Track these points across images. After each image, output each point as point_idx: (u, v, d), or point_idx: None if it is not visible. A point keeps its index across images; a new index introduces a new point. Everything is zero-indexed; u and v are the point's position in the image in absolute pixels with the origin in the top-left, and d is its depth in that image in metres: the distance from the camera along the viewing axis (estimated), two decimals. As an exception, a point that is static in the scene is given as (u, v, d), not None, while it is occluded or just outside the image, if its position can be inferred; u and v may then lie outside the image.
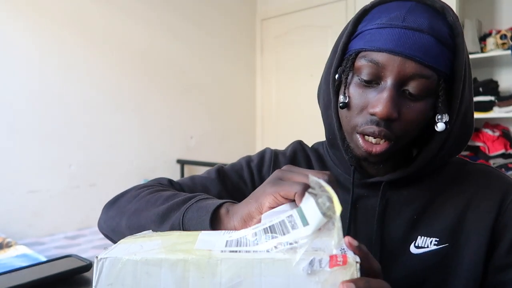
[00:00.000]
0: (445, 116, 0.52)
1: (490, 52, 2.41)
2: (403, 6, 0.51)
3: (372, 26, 0.52)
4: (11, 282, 0.61)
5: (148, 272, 0.35)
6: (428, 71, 0.49)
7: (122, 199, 0.62)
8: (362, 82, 0.52)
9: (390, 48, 0.49)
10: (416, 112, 0.51)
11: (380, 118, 0.50)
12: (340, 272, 0.33)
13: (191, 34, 3.00)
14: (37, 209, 2.20)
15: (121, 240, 0.42)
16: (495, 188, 0.58)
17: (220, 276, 0.34)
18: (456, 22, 0.51)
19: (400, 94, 0.51)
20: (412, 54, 0.48)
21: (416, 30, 0.49)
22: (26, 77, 2.15)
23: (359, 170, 0.62)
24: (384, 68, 0.50)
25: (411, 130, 0.53)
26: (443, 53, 0.50)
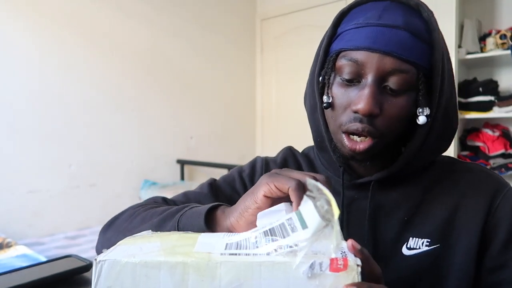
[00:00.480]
0: (426, 110, 0.53)
1: (490, 52, 2.41)
2: (379, 6, 0.53)
3: (350, 27, 0.53)
4: (11, 282, 0.61)
5: (147, 274, 0.35)
6: (407, 66, 0.50)
7: (118, 220, 0.62)
8: (344, 81, 0.53)
9: (367, 45, 0.50)
10: (398, 107, 0.52)
11: (363, 114, 0.51)
12: (340, 276, 0.33)
13: (191, 34, 3.00)
14: (37, 209, 2.20)
15: (120, 241, 0.42)
16: (484, 187, 0.58)
17: (219, 279, 0.34)
18: (432, 18, 0.53)
19: (381, 90, 0.52)
20: (389, 50, 0.49)
21: (392, 27, 0.50)
22: (26, 77, 2.15)
23: (349, 172, 0.62)
24: (364, 65, 0.51)
25: (394, 126, 0.53)
26: (420, 48, 0.51)
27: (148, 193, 2.56)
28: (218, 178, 0.74)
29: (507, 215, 0.55)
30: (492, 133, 2.53)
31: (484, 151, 2.52)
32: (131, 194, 2.64)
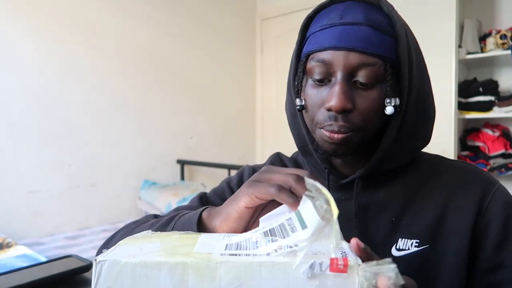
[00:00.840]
0: (394, 100, 0.53)
1: (490, 52, 2.41)
2: (340, 6, 0.55)
3: (316, 29, 0.55)
4: (11, 282, 0.61)
5: (147, 275, 0.35)
6: (372, 59, 0.52)
7: (114, 239, 0.62)
8: (315, 82, 0.55)
9: (332, 45, 0.52)
10: (370, 99, 0.53)
11: (336, 111, 0.52)
12: (340, 276, 0.33)
13: (191, 34, 3.00)
14: (37, 209, 2.20)
15: (120, 241, 0.42)
16: (474, 186, 0.57)
17: (219, 279, 0.34)
18: (392, 11, 0.55)
19: (352, 86, 0.53)
20: (354, 46, 0.51)
21: (353, 24, 0.52)
22: (26, 77, 2.15)
23: (334, 173, 0.62)
24: (331, 64, 0.53)
25: (369, 119, 0.54)
26: (384, 41, 0.52)
27: (148, 193, 2.57)
28: (208, 192, 0.75)
29: (498, 214, 0.55)
30: (492, 133, 2.53)
31: (484, 151, 2.52)
32: (131, 194, 2.64)
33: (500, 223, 0.54)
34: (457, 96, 2.43)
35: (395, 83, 0.54)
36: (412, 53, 0.55)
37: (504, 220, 0.55)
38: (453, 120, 2.40)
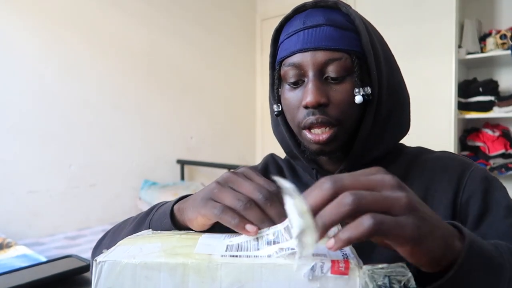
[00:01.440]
0: (363, 90, 0.57)
1: (490, 52, 2.41)
2: (302, 14, 0.60)
3: (284, 38, 0.60)
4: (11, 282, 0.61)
5: (147, 276, 0.35)
6: (338, 54, 0.56)
7: (104, 240, 0.63)
8: (291, 85, 0.59)
9: (299, 48, 0.56)
10: (342, 92, 0.56)
11: (312, 106, 0.55)
12: (342, 278, 0.33)
13: (191, 34, 3.00)
14: (37, 209, 2.20)
15: (120, 241, 0.42)
16: (450, 170, 0.60)
17: (220, 280, 0.34)
18: (350, 10, 0.58)
19: (324, 82, 0.57)
20: (319, 45, 0.55)
21: (316, 27, 0.57)
22: (26, 77, 2.15)
23: (322, 172, 0.64)
24: (302, 65, 0.57)
25: (346, 111, 0.57)
26: (346, 36, 0.56)
27: (148, 193, 2.56)
28: None
29: (476, 189, 0.57)
30: (492, 133, 2.54)
31: (484, 151, 2.52)
32: (131, 194, 2.64)
33: (479, 197, 0.56)
34: (457, 96, 2.43)
35: (364, 74, 0.57)
36: (376, 45, 0.59)
37: (483, 194, 0.56)
38: (453, 120, 2.40)
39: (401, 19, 2.58)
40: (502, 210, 0.54)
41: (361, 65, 0.57)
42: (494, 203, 0.55)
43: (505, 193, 0.57)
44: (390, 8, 2.63)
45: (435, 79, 2.47)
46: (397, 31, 2.60)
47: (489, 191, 0.56)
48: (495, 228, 0.53)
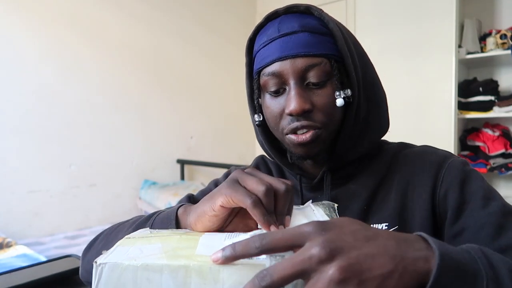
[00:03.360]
0: (343, 92, 0.57)
1: (490, 52, 2.41)
2: (275, 22, 0.59)
3: (259, 48, 0.60)
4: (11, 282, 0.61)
5: (149, 278, 0.34)
6: (317, 59, 0.56)
7: (96, 242, 0.63)
8: (272, 94, 0.59)
9: (277, 56, 0.56)
10: (325, 96, 0.57)
11: (296, 114, 0.55)
12: None
13: (191, 34, 3.00)
14: (37, 209, 2.20)
15: (119, 242, 0.42)
16: (429, 163, 0.60)
17: (222, 282, 0.34)
18: (322, 13, 0.59)
19: (306, 88, 0.57)
20: (296, 52, 0.55)
21: (291, 34, 0.57)
22: (26, 77, 2.15)
23: (306, 176, 0.65)
24: (282, 74, 0.56)
25: (330, 114, 0.57)
26: (322, 41, 0.57)
27: (148, 193, 2.56)
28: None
29: (454, 181, 0.57)
30: (492, 133, 2.53)
31: (484, 151, 2.52)
32: (131, 194, 2.64)
33: (457, 189, 0.56)
34: (457, 96, 2.43)
35: (344, 76, 0.58)
36: (350, 46, 0.59)
37: (460, 185, 0.56)
38: (453, 120, 2.40)
39: (401, 19, 2.58)
40: (479, 200, 0.54)
41: (339, 68, 0.57)
42: (471, 194, 0.55)
43: (482, 183, 0.57)
44: (390, 8, 2.63)
45: (435, 79, 2.47)
46: (397, 31, 2.60)
47: (466, 182, 0.57)
48: (474, 219, 0.53)
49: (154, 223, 0.54)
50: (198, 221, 0.48)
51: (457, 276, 0.32)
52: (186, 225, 0.50)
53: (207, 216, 0.47)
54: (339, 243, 0.31)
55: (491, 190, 0.56)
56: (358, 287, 0.29)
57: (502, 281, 0.34)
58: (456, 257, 0.33)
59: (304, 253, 0.31)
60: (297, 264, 0.31)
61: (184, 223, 0.51)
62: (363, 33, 2.77)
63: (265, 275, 0.30)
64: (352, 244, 0.31)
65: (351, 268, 0.30)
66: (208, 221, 0.47)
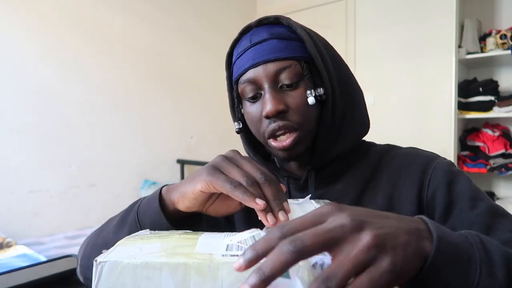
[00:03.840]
0: (315, 91, 0.59)
1: (490, 52, 2.41)
2: (247, 35, 0.64)
3: (235, 59, 0.64)
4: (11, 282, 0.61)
5: (149, 276, 0.35)
6: (287, 62, 0.59)
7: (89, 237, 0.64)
8: (250, 100, 0.62)
9: (251, 63, 0.60)
10: (298, 96, 0.59)
11: (272, 115, 0.58)
12: None
13: (191, 34, 3.00)
14: (37, 209, 2.20)
15: (119, 241, 0.42)
16: (415, 166, 0.61)
17: (221, 280, 0.34)
18: (290, 21, 0.62)
19: (280, 91, 0.60)
20: (267, 57, 0.59)
21: (261, 42, 0.61)
22: (26, 77, 2.15)
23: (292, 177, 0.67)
24: (256, 80, 0.60)
25: (304, 114, 0.59)
26: (291, 45, 0.60)
27: (148, 193, 2.55)
28: None
29: (440, 182, 0.58)
30: (492, 133, 2.54)
31: (484, 151, 2.52)
32: (131, 194, 2.64)
33: (444, 190, 0.57)
34: (457, 96, 2.44)
35: (315, 76, 0.60)
36: (320, 48, 0.61)
37: (448, 186, 0.57)
38: (453, 120, 2.41)
39: (401, 19, 2.59)
40: (467, 201, 0.55)
41: (310, 69, 0.60)
42: (459, 195, 0.57)
43: (470, 184, 0.58)
44: (390, 8, 2.64)
45: (435, 79, 2.47)
46: (397, 31, 2.60)
47: (453, 183, 0.58)
48: (462, 220, 0.55)
49: (141, 206, 0.56)
50: (180, 200, 0.51)
51: (452, 258, 0.34)
52: (169, 202, 0.53)
53: (187, 198, 0.50)
54: (363, 216, 0.32)
55: (478, 191, 0.58)
56: (391, 251, 0.30)
57: (495, 265, 0.35)
58: (452, 241, 0.35)
59: (335, 222, 0.31)
60: (330, 231, 0.30)
61: (168, 201, 0.53)
62: (363, 33, 2.77)
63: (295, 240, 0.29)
64: (373, 218, 0.33)
65: (383, 235, 0.31)
66: (189, 202, 0.50)
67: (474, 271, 0.34)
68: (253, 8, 3.53)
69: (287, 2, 3.29)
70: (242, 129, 0.67)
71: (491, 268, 0.34)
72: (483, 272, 0.34)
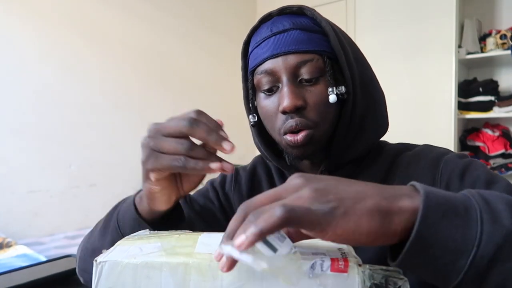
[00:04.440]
0: (337, 89, 0.56)
1: (490, 52, 2.41)
2: (268, 23, 0.60)
3: (253, 48, 0.60)
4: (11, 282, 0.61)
5: (149, 275, 0.35)
6: (309, 55, 0.55)
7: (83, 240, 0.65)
8: (265, 92, 0.59)
9: (270, 54, 0.56)
10: (318, 93, 0.56)
11: (289, 110, 0.55)
12: (341, 276, 0.33)
13: (191, 34, 3.00)
14: (37, 209, 2.20)
15: (119, 241, 0.42)
16: (426, 162, 0.59)
17: (221, 279, 0.34)
18: (315, 13, 0.59)
19: (299, 85, 0.56)
20: (288, 49, 0.55)
21: (283, 32, 0.57)
22: (26, 77, 2.15)
23: None
24: (274, 71, 0.56)
25: (323, 112, 0.56)
26: (315, 38, 0.57)
27: (148, 193, 2.56)
28: None
29: (452, 175, 0.55)
30: (492, 133, 2.54)
31: (484, 151, 2.52)
32: (131, 194, 2.63)
33: (457, 182, 0.54)
34: (457, 96, 2.44)
35: (337, 73, 0.57)
36: (344, 44, 0.59)
37: (460, 177, 0.54)
38: (453, 120, 2.41)
39: (401, 19, 2.58)
40: (482, 187, 0.52)
41: (332, 65, 0.57)
42: (473, 182, 0.53)
43: (483, 169, 0.55)
44: (390, 8, 2.64)
45: (435, 79, 2.47)
46: (397, 31, 2.60)
47: (465, 173, 0.54)
48: None
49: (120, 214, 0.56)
50: (153, 202, 0.49)
51: (446, 211, 0.32)
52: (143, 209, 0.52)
53: (156, 194, 0.48)
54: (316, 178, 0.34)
55: (493, 175, 0.54)
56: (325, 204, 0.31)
57: (498, 212, 0.32)
58: (445, 195, 0.33)
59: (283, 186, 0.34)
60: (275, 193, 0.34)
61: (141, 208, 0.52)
62: (363, 33, 2.77)
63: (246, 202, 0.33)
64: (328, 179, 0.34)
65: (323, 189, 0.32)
66: (162, 196, 0.48)
67: (475, 221, 0.31)
68: (253, 8, 3.53)
69: (287, 2, 3.28)
70: (257, 122, 0.63)
71: (493, 215, 0.32)
72: (485, 220, 0.31)
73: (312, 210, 0.31)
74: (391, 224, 0.32)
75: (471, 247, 0.30)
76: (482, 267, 0.30)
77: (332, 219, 0.31)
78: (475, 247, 0.30)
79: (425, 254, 0.31)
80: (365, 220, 0.31)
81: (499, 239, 0.30)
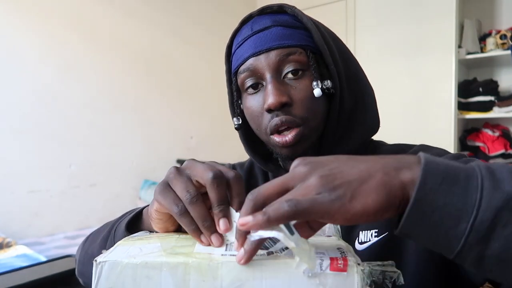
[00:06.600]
0: (322, 83, 0.55)
1: (490, 52, 2.41)
2: (249, 23, 0.59)
3: (235, 49, 0.59)
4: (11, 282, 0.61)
5: (149, 275, 0.35)
6: (290, 49, 0.55)
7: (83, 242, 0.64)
8: (250, 91, 0.57)
9: (252, 52, 0.55)
10: (303, 88, 0.55)
11: (274, 107, 0.53)
12: (341, 275, 0.33)
13: (191, 34, 3.00)
14: (37, 209, 2.20)
15: (119, 242, 0.42)
16: None
17: (221, 279, 0.34)
18: (295, 10, 0.58)
19: (283, 82, 0.55)
20: (270, 45, 0.55)
21: (263, 30, 0.56)
22: (26, 77, 2.15)
23: None
24: (257, 69, 0.55)
25: (310, 108, 0.55)
26: (296, 33, 0.56)
27: (148, 193, 2.57)
28: None
29: None
30: (492, 133, 2.54)
31: (484, 151, 2.52)
32: (131, 194, 2.64)
33: None
34: (457, 96, 2.44)
35: (322, 68, 0.56)
36: (328, 39, 0.58)
37: None
38: (453, 120, 2.41)
39: (401, 19, 2.59)
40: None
41: (317, 60, 0.56)
42: None
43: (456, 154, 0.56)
44: (390, 8, 2.64)
45: (435, 79, 2.47)
46: (397, 31, 2.60)
47: None
48: None
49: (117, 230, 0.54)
50: (154, 223, 0.46)
51: (446, 177, 0.31)
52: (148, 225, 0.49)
53: (155, 220, 0.45)
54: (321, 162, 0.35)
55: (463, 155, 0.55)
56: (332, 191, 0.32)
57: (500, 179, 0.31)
58: (446, 164, 0.33)
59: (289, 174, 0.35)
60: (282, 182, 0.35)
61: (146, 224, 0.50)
62: (363, 33, 2.77)
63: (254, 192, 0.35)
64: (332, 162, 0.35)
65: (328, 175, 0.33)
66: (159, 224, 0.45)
67: (475, 187, 0.31)
68: (252, 9, 3.52)
69: (287, 2, 3.29)
70: (242, 125, 0.62)
71: (495, 182, 0.31)
72: (485, 186, 0.31)
73: (319, 201, 0.32)
74: (395, 198, 0.32)
75: (471, 211, 0.30)
76: (483, 231, 0.30)
77: (341, 206, 0.32)
78: (474, 211, 0.30)
79: (425, 221, 0.31)
80: (371, 200, 0.32)
81: (499, 203, 0.30)
